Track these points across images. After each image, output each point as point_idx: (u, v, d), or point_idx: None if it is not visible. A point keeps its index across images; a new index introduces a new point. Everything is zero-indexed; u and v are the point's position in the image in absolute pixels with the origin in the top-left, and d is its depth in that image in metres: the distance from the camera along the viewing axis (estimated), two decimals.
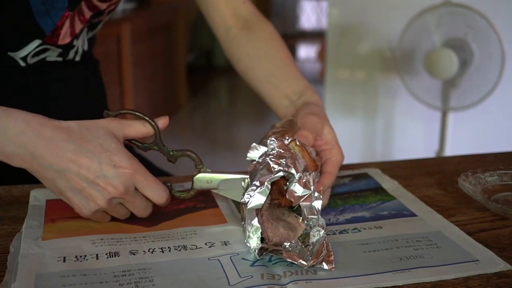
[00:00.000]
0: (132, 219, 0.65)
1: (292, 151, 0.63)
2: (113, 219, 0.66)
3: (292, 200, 0.59)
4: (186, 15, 4.39)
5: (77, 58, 0.87)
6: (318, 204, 0.60)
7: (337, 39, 2.30)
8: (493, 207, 0.69)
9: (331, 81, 2.36)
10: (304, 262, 0.55)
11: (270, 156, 0.61)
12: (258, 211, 0.58)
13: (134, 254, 0.58)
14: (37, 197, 0.70)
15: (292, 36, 6.79)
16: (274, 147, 0.62)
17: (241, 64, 0.90)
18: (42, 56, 0.81)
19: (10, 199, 0.72)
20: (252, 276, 0.54)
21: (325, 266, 0.55)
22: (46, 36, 0.79)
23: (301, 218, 0.61)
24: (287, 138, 0.64)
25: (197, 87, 4.86)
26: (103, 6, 0.83)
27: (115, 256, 0.57)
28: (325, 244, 0.57)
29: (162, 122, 0.66)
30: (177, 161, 0.68)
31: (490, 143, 2.26)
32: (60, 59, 0.84)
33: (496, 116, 2.22)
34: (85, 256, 0.57)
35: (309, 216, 0.59)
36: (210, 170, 0.67)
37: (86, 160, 0.59)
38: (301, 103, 0.79)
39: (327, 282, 0.53)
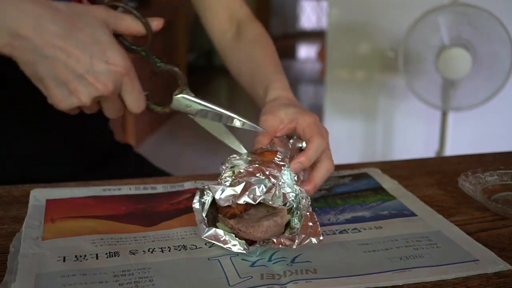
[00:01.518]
0: (131, 218, 0.66)
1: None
2: (113, 219, 0.66)
3: (228, 204, 0.57)
4: (186, 15, 4.39)
5: None
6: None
7: (337, 39, 2.30)
8: (493, 207, 0.69)
9: (331, 81, 2.36)
10: (292, 243, 0.56)
11: None
12: (233, 231, 0.58)
13: (134, 254, 0.58)
14: (37, 197, 0.70)
15: (292, 36, 6.79)
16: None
17: (233, 69, 0.90)
18: None
19: (10, 199, 0.72)
20: (252, 277, 0.54)
21: (314, 241, 0.55)
22: None
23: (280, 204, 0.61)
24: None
25: (197, 87, 4.85)
26: None
27: (115, 256, 0.57)
28: (309, 216, 0.58)
29: (156, 23, 0.62)
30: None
31: (490, 143, 2.26)
32: None
33: (496, 116, 2.22)
34: (85, 256, 0.57)
35: (271, 197, 0.58)
36: (193, 95, 0.64)
37: (76, 50, 0.54)
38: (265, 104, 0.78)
39: (327, 282, 0.53)
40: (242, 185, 0.57)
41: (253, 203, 0.57)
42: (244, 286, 0.52)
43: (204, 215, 0.58)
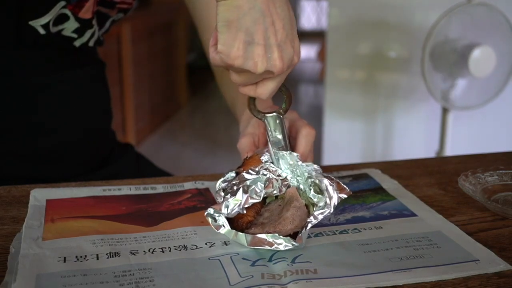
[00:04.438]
0: (132, 218, 0.66)
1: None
2: (113, 219, 0.66)
3: (238, 212, 0.59)
4: (186, 15, 4.39)
5: (91, 44, 0.86)
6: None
7: (337, 39, 2.30)
8: (493, 207, 0.69)
9: (331, 81, 2.36)
10: (327, 209, 0.59)
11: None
12: (263, 230, 0.58)
13: (134, 254, 0.58)
14: (37, 197, 0.70)
15: None
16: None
17: (221, 87, 0.93)
18: (60, 27, 0.80)
19: (10, 199, 0.72)
20: (252, 276, 0.54)
21: (343, 196, 0.60)
22: (71, 3, 0.78)
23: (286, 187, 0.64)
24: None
25: (197, 87, 4.86)
26: None
27: (115, 256, 0.57)
28: (327, 179, 0.61)
29: None
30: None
31: (490, 143, 2.26)
32: (75, 35, 0.83)
33: (496, 116, 2.22)
34: (86, 256, 0.57)
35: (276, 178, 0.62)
36: (285, 125, 0.66)
37: (280, 23, 0.56)
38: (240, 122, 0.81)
39: (327, 282, 0.53)
40: (240, 191, 0.59)
41: (259, 200, 0.60)
42: (245, 285, 0.52)
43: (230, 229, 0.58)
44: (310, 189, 0.63)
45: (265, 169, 0.63)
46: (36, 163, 0.86)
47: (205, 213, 0.59)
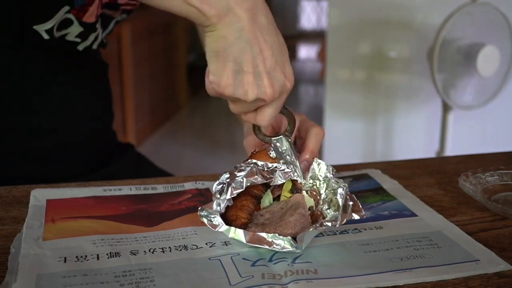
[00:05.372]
0: (132, 218, 0.66)
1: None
2: (114, 219, 0.66)
3: (229, 204, 0.60)
4: None
5: (94, 46, 0.87)
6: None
7: (337, 39, 2.30)
8: (493, 207, 0.69)
9: (331, 81, 2.36)
10: (335, 222, 0.58)
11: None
12: (263, 231, 0.58)
13: (134, 254, 0.58)
14: (37, 197, 0.70)
15: (292, 36, 6.79)
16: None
17: None
18: (64, 32, 0.80)
19: (10, 199, 0.72)
20: (253, 276, 0.54)
21: (356, 216, 0.59)
22: (75, 8, 0.78)
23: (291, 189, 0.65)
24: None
25: (197, 87, 4.85)
26: (122, 0, 0.83)
27: (116, 256, 0.57)
28: (348, 197, 0.60)
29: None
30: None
31: (491, 143, 2.26)
32: (78, 39, 0.83)
33: (497, 116, 2.22)
34: (86, 256, 0.57)
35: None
36: (293, 146, 0.66)
37: (269, 51, 0.56)
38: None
39: (327, 282, 0.53)
40: (225, 186, 0.60)
41: (242, 189, 0.60)
42: (245, 285, 0.52)
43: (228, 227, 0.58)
44: (330, 207, 0.62)
45: (249, 164, 0.63)
46: (37, 163, 0.86)
47: (198, 214, 0.59)
